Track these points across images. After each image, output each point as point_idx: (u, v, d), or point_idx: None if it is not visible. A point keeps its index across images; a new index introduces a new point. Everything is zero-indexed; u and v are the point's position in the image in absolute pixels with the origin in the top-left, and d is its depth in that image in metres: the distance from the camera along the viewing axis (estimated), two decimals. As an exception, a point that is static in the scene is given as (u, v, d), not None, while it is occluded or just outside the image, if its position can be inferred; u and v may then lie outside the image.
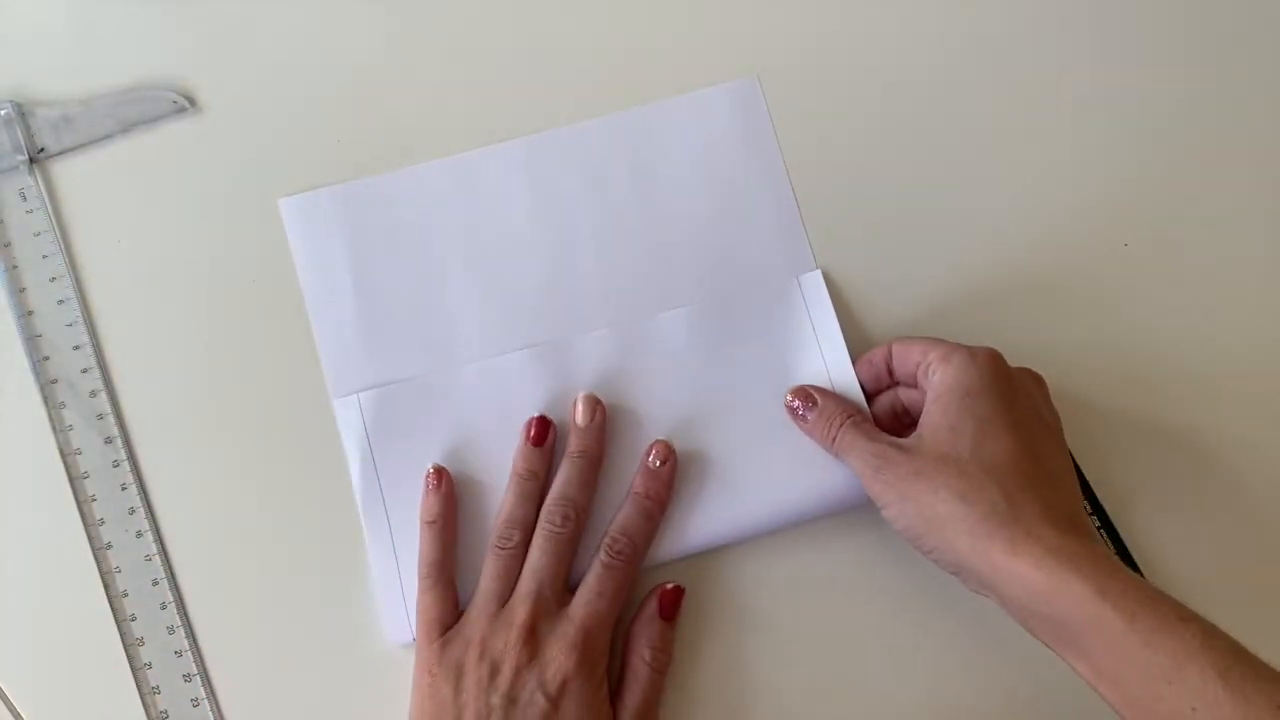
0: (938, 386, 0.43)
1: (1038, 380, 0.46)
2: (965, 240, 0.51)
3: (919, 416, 0.44)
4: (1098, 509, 0.48)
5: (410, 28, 0.52)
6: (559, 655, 0.42)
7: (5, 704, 0.45)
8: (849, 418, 0.45)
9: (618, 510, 0.46)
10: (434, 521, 0.45)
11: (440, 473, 0.46)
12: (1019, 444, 0.41)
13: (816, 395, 0.47)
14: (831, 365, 0.48)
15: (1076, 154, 0.52)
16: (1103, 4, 0.54)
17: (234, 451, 0.48)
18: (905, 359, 0.46)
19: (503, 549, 0.45)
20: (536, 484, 0.46)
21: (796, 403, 0.47)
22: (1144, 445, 0.49)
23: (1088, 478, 0.48)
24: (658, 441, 0.47)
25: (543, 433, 0.47)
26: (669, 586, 0.45)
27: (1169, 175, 0.52)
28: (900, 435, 0.44)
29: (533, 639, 0.42)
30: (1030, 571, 0.38)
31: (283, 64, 0.51)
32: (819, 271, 0.50)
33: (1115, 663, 0.37)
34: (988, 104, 0.52)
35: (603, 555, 0.44)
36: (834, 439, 0.45)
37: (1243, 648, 0.36)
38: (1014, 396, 0.43)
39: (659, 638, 0.45)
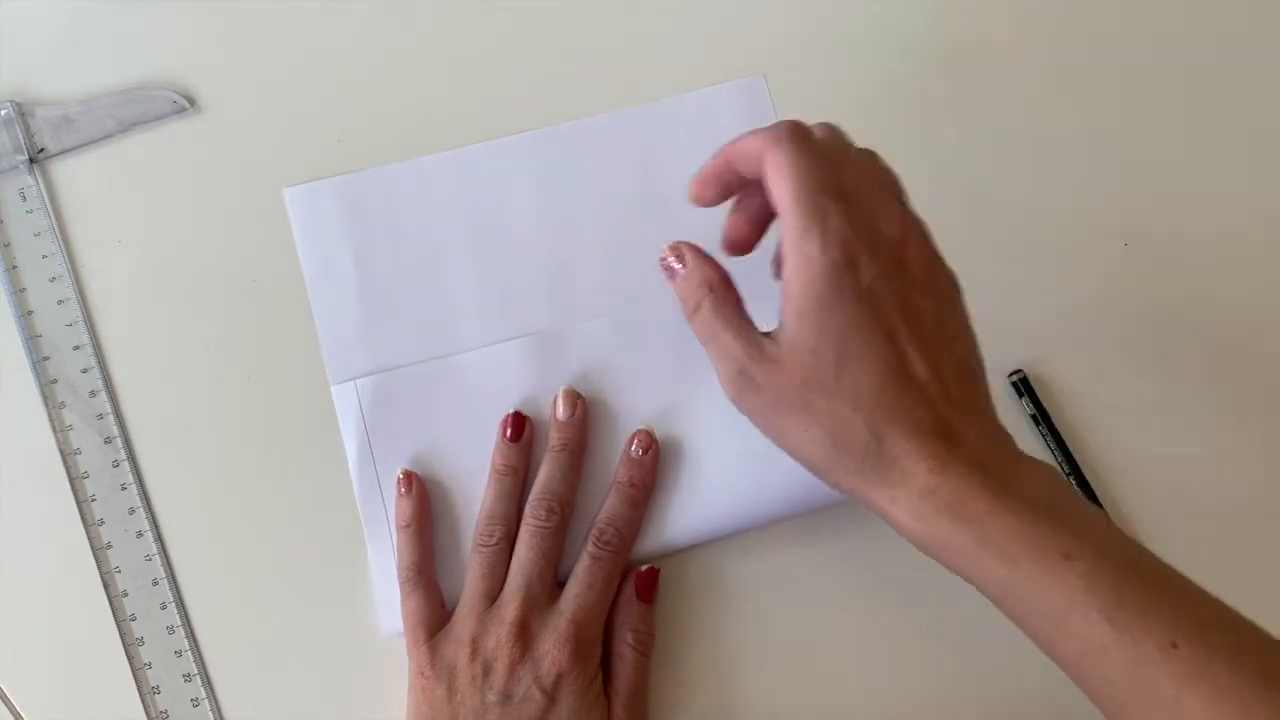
0: (791, 284, 0.37)
1: (887, 184, 0.40)
2: (966, 239, 0.51)
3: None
4: (1074, 469, 0.48)
5: (414, 26, 0.52)
6: (552, 649, 0.42)
7: (5, 704, 0.45)
8: (710, 292, 0.39)
9: (602, 502, 0.46)
10: (409, 525, 0.45)
11: (410, 476, 0.46)
12: (883, 354, 0.37)
13: (687, 253, 0.41)
14: None
15: (1077, 153, 0.52)
16: (1103, 6, 0.54)
17: (235, 453, 0.48)
18: (745, 160, 0.39)
19: (486, 546, 0.45)
20: (516, 479, 0.46)
21: (670, 258, 0.41)
22: (1144, 442, 0.49)
23: (1078, 461, 0.48)
24: (640, 430, 0.47)
25: (519, 428, 0.46)
26: (644, 569, 0.45)
27: (1169, 175, 0.52)
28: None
29: (524, 635, 0.42)
30: (909, 523, 0.36)
31: (283, 64, 0.51)
32: None
33: (1009, 606, 0.35)
34: (990, 104, 0.52)
35: (590, 547, 0.44)
36: (694, 311, 0.40)
37: (1132, 580, 0.34)
38: (869, 270, 0.37)
39: (639, 620, 0.45)
